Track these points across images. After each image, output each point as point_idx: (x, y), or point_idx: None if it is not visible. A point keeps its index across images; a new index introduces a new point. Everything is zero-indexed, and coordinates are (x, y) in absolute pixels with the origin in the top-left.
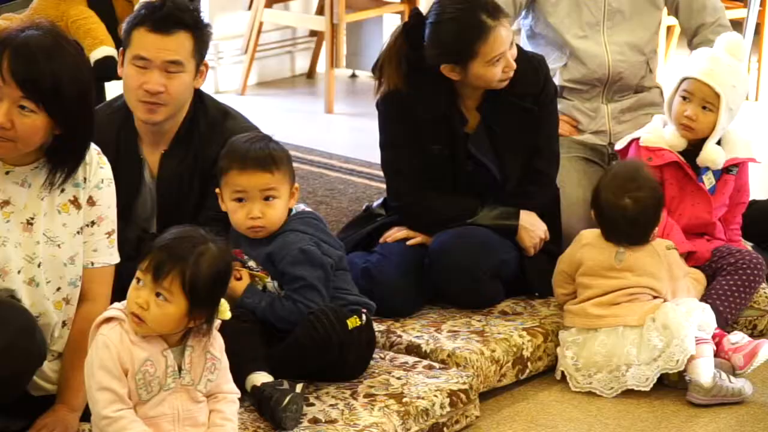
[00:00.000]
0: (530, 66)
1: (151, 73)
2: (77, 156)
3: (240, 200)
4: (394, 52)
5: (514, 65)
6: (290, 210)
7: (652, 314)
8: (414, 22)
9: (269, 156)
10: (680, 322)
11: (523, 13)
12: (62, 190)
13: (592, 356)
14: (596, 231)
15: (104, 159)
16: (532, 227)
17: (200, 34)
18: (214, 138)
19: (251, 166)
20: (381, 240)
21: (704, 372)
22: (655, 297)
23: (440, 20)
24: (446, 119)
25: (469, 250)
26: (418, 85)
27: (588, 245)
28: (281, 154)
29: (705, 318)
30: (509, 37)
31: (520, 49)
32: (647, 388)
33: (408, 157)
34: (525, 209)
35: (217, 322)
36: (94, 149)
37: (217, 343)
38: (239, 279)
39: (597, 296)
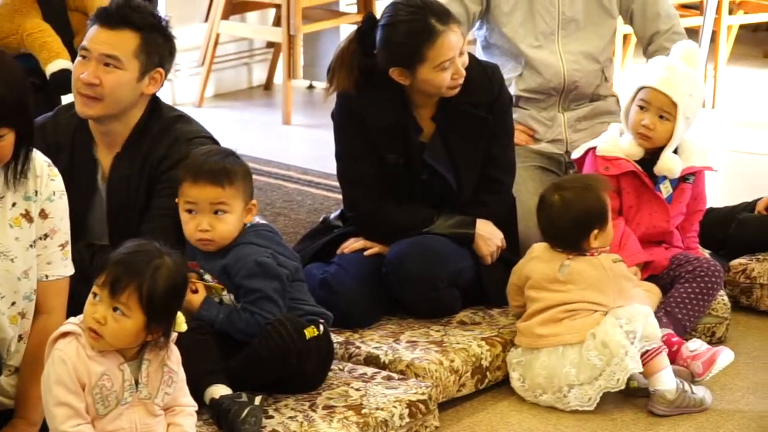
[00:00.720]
0: (484, 74)
1: (89, 64)
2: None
3: (191, 212)
4: (346, 55)
5: (464, 73)
6: (245, 224)
7: (593, 329)
8: (367, 27)
9: (223, 170)
10: (619, 341)
11: (478, 23)
12: (13, 204)
13: (535, 378)
14: (546, 244)
15: (55, 171)
16: (489, 236)
17: (150, 37)
18: (163, 139)
19: (203, 178)
20: (338, 251)
21: (668, 383)
22: (596, 311)
23: (391, 23)
24: (401, 128)
25: (425, 258)
26: (371, 93)
27: (536, 258)
28: (237, 169)
29: (649, 328)
30: (459, 44)
31: (474, 58)
32: (591, 408)
33: (363, 167)
34: (481, 218)
35: (174, 335)
36: (44, 161)
37: (174, 356)
38: (195, 292)
39: (541, 310)
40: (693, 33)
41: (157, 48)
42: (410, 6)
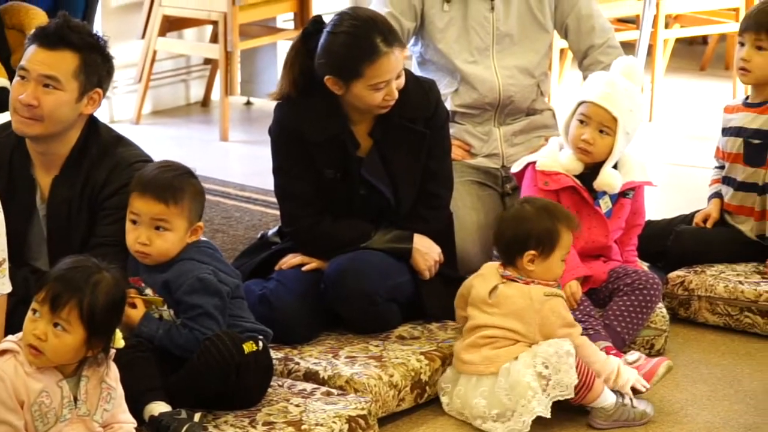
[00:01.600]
0: (421, 90)
1: (28, 85)
2: None
3: (134, 222)
4: (291, 56)
5: (396, 95)
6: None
7: (509, 364)
8: (312, 29)
9: (170, 187)
10: (528, 383)
11: (413, 40)
12: None
13: (453, 402)
14: (497, 263)
15: None
16: (426, 250)
17: (89, 58)
18: (103, 163)
19: (149, 192)
20: (276, 267)
21: (607, 398)
22: (518, 341)
23: (336, 31)
24: (338, 143)
25: (364, 273)
26: (309, 106)
27: (480, 275)
28: (186, 189)
29: (566, 378)
30: (398, 67)
31: (410, 73)
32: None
33: (301, 182)
34: (419, 232)
35: (112, 351)
36: None
37: (112, 372)
38: (134, 307)
39: (471, 330)
40: (629, 47)
41: (96, 68)
42: (358, 19)
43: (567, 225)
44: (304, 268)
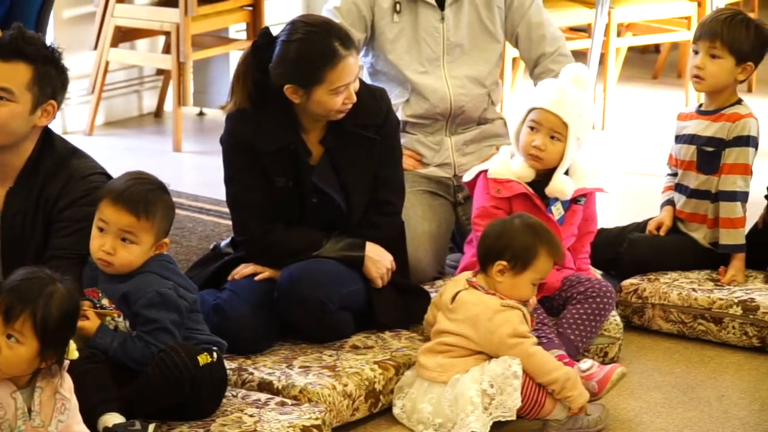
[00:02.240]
0: (372, 97)
1: None
2: None
3: (101, 230)
4: (242, 70)
5: (355, 98)
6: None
7: (459, 375)
8: (262, 42)
9: (143, 200)
10: (470, 398)
11: (364, 50)
12: None
13: (405, 406)
14: (475, 271)
15: None
16: (378, 258)
17: (43, 70)
18: (58, 175)
19: (122, 203)
20: (230, 277)
21: (560, 409)
22: (474, 351)
23: (292, 40)
24: (290, 151)
25: (317, 281)
26: (261, 115)
27: (453, 280)
28: (159, 204)
29: (509, 401)
30: (356, 70)
31: (362, 81)
32: None
33: (252, 191)
34: (371, 240)
35: (66, 363)
36: None
37: (66, 383)
38: (87, 319)
39: (435, 334)
40: (582, 55)
41: (50, 80)
42: (313, 25)
43: (549, 250)
44: (257, 278)
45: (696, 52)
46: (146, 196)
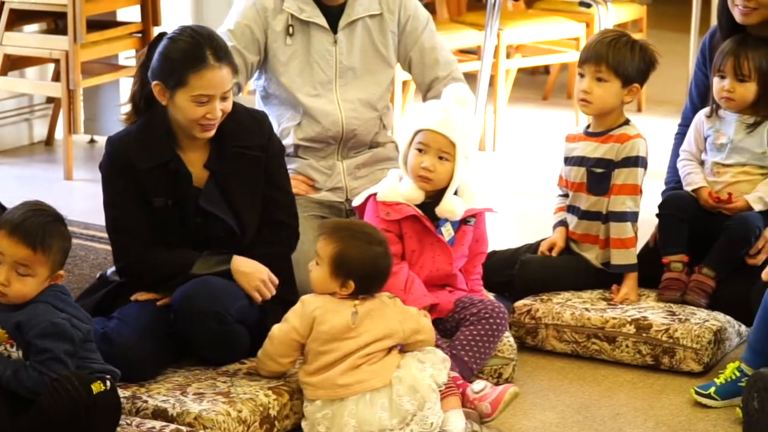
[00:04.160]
0: (254, 120)
1: None
2: None
3: None
4: (139, 70)
5: (218, 116)
6: None
7: (397, 372)
8: (148, 56)
9: (41, 234)
10: (429, 385)
11: (257, 74)
12: None
13: (344, 427)
14: (325, 296)
15: None
16: (250, 270)
17: None
18: None
19: (18, 235)
20: (132, 298)
21: (457, 425)
22: (391, 348)
23: (172, 38)
24: (168, 170)
25: (212, 294)
26: (141, 134)
27: (320, 309)
28: (56, 237)
29: (443, 376)
30: (223, 87)
31: (242, 105)
32: None
33: (131, 215)
34: (265, 257)
35: None
36: None
37: None
38: None
39: (335, 362)
40: (472, 77)
41: None
42: (196, 32)
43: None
44: (158, 303)
45: (582, 76)
46: (43, 228)
